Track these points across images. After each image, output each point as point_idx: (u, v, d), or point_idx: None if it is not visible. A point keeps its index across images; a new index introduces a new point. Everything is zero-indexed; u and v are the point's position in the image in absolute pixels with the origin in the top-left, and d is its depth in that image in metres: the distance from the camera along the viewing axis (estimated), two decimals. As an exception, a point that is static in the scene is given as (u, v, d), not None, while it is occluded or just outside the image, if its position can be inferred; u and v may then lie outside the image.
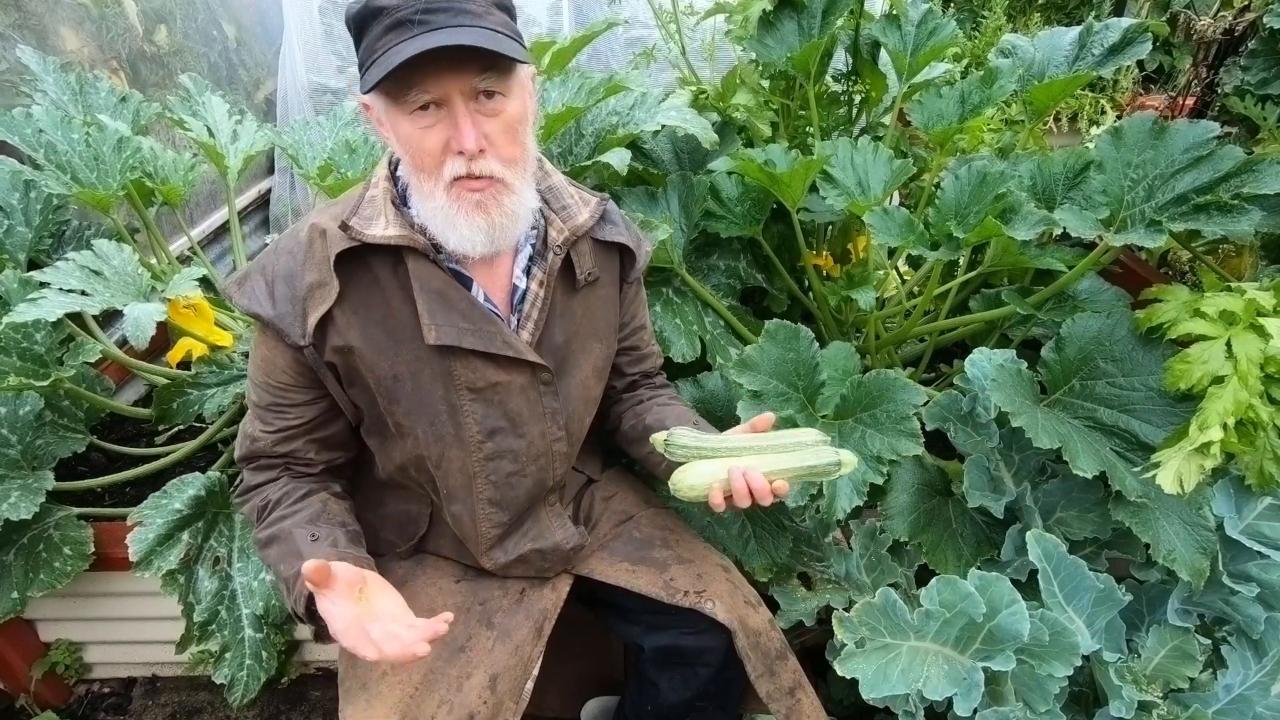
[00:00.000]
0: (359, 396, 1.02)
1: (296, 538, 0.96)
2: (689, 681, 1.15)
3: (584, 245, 1.07)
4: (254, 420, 1.04)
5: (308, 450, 1.04)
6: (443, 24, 0.83)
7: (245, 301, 0.96)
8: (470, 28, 0.83)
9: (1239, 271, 1.68)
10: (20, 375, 1.30)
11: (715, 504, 0.97)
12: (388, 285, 0.97)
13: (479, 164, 0.89)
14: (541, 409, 1.06)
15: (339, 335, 0.96)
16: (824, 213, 1.67)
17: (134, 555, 1.27)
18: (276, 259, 0.97)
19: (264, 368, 1.00)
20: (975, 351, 1.31)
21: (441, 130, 0.87)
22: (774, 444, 1.00)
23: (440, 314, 0.96)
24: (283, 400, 1.01)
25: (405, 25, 0.83)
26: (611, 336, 1.15)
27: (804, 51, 1.60)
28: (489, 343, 0.98)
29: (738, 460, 0.98)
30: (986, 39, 3.19)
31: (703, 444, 1.00)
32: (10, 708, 1.61)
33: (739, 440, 1.01)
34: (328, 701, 1.67)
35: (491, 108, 0.88)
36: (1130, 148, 1.32)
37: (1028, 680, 1.11)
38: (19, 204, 1.56)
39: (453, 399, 1.00)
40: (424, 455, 1.03)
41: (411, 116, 0.87)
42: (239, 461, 1.06)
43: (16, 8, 1.77)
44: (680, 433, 1.01)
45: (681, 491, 0.98)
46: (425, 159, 0.89)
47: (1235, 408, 1.09)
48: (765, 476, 0.96)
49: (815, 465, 0.98)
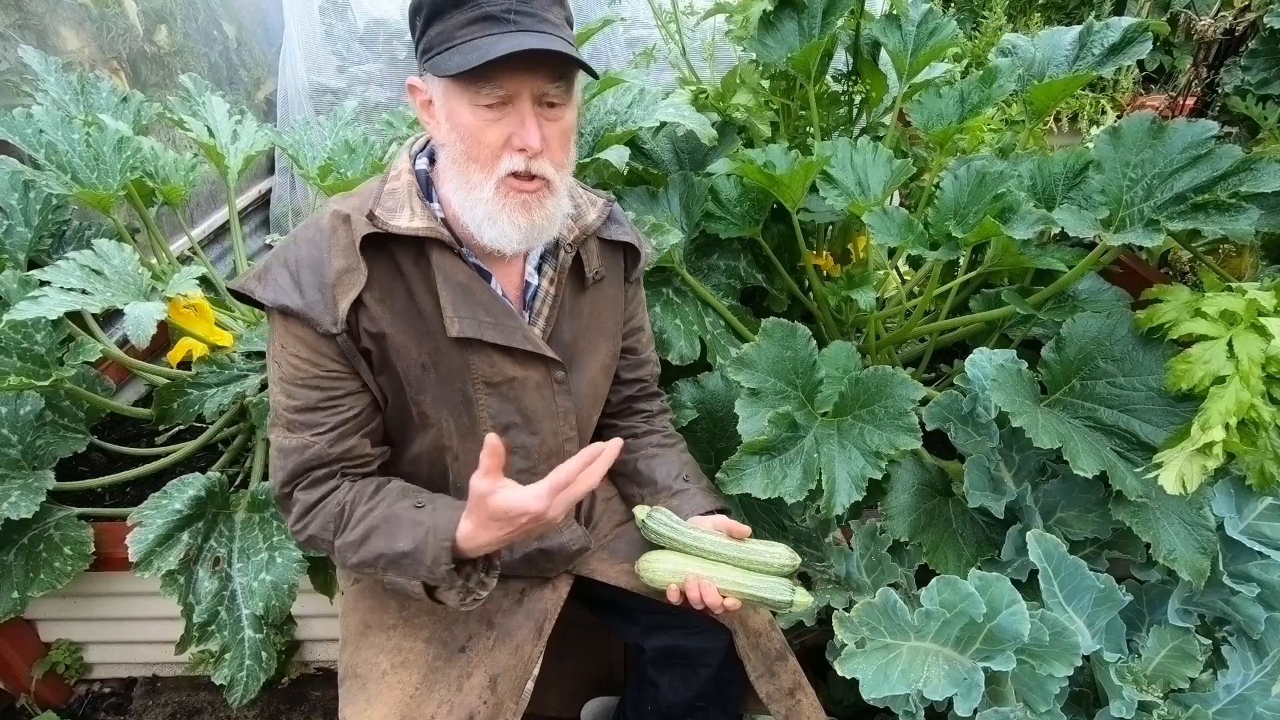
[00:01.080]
0: (387, 385, 0.99)
1: (402, 516, 0.92)
2: (689, 682, 1.15)
3: (592, 244, 1.08)
4: (296, 432, 0.96)
5: (363, 445, 0.99)
6: (530, 27, 0.85)
7: (271, 294, 0.92)
8: (553, 35, 0.86)
9: (1239, 271, 1.68)
10: (21, 375, 1.30)
11: (672, 598, 1.04)
12: (410, 276, 0.96)
13: (536, 164, 0.90)
14: (555, 407, 1.06)
15: (371, 321, 0.94)
16: (824, 213, 1.67)
17: (134, 555, 1.27)
18: (298, 248, 0.94)
19: (298, 366, 0.95)
20: (975, 351, 1.31)
21: (505, 126, 0.89)
22: (740, 557, 1.06)
23: (464, 307, 0.96)
24: (333, 394, 0.96)
25: (495, 20, 0.84)
26: (618, 335, 1.16)
27: (804, 51, 1.60)
28: (509, 336, 0.98)
29: (701, 565, 1.04)
30: (986, 39, 3.19)
31: (676, 535, 1.07)
32: (11, 708, 1.61)
33: (710, 543, 1.06)
34: (328, 701, 1.67)
35: (553, 114, 0.91)
36: (1129, 147, 1.32)
37: (1028, 680, 1.11)
38: (19, 204, 1.56)
39: (469, 392, 1.00)
40: (446, 446, 1.03)
41: (477, 108, 0.88)
42: (283, 487, 0.98)
43: (17, 8, 1.77)
44: (659, 519, 1.08)
45: (645, 577, 1.06)
46: (483, 150, 0.90)
47: (1237, 408, 1.09)
48: (720, 591, 1.01)
49: (768, 599, 1.04)
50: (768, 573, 1.05)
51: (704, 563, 1.05)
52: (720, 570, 1.04)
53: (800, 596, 1.05)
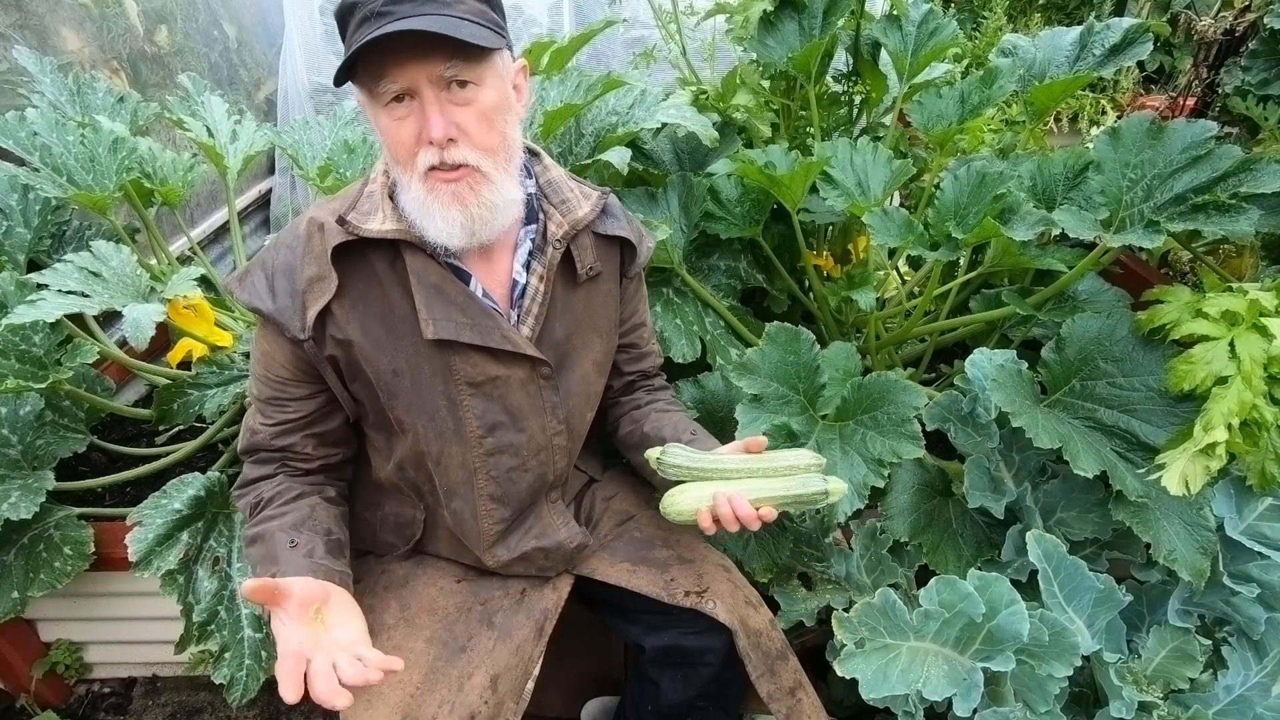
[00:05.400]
0: (361, 391, 1.02)
1: (277, 541, 0.96)
2: (690, 681, 1.15)
3: (585, 239, 1.07)
4: (255, 414, 1.04)
5: (305, 445, 1.04)
6: (406, 14, 0.82)
7: (246, 296, 0.96)
8: (434, 15, 0.83)
9: (1240, 272, 1.68)
10: (19, 378, 1.30)
11: (705, 527, 0.99)
12: (386, 280, 0.97)
13: (451, 153, 0.88)
14: (541, 403, 1.06)
15: (338, 329, 0.96)
16: (824, 213, 1.67)
17: (133, 555, 1.27)
18: (276, 253, 0.98)
19: (264, 361, 1.01)
20: (975, 352, 1.31)
21: (413, 121, 0.87)
22: (765, 467, 1.01)
23: (438, 308, 0.96)
24: (282, 394, 1.02)
25: (376, 17, 0.83)
26: (613, 331, 1.15)
27: (804, 52, 1.60)
28: (486, 337, 0.98)
29: (726, 484, 0.99)
30: (987, 39, 3.19)
31: (695, 464, 1.01)
32: (10, 708, 1.61)
33: (730, 462, 1.02)
34: (328, 702, 1.67)
35: (464, 96, 0.87)
36: (1128, 148, 1.32)
37: (1028, 681, 1.11)
38: (17, 205, 1.56)
39: (452, 394, 1.00)
40: (424, 451, 1.03)
41: (387, 108, 0.88)
42: (240, 454, 1.07)
43: (17, 8, 1.77)
44: (674, 451, 1.02)
45: (671, 515, 1.00)
46: (400, 150, 0.90)
47: (1239, 408, 1.09)
48: (752, 503, 0.97)
49: (801, 494, 0.99)
50: (794, 475, 1.01)
51: (728, 483, 0.99)
52: (747, 484, 0.99)
53: (834, 485, 1.00)
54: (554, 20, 2.82)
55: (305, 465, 1.06)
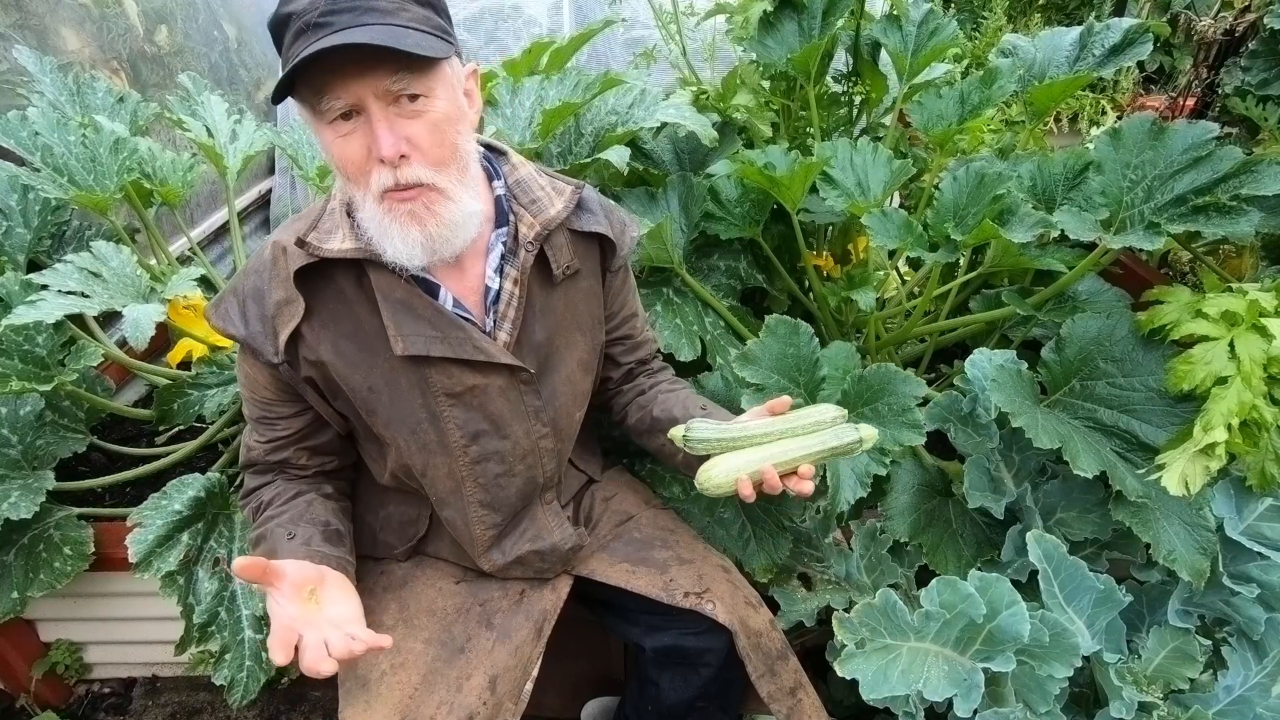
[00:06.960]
0: (344, 408, 1.02)
1: (276, 536, 0.97)
2: (690, 682, 1.15)
3: (559, 237, 1.03)
4: (250, 431, 1.07)
5: (299, 457, 1.06)
6: (345, 25, 0.78)
7: (220, 322, 0.97)
8: (374, 26, 0.78)
9: (1240, 272, 1.68)
10: (22, 379, 1.30)
11: (745, 496, 0.96)
12: (354, 298, 0.96)
13: (405, 171, 0.84)
14: (524, 408, 1.05)
15: (310, 351, 0.96)
16: (824, 214, 1.67)
17: (133, 556, 1.27)
18: (246, 279, 0.97)
19: (248, 384, 1.03)
20: (975, 352, 1.31)
21: (360, 138, 0.83)
22: (794, 427, 0.99)
23: (407, 324, 0.94)
24: (269, 414, 1.04)
25: (313, 29, 0.78)
26: (597, 328, 1.13)
27: (804, 52, 1.60)
28: (458, 349, 0.96)
29: (760, 449, 0.97)
30: (987, 39, 3.19)
31: (723, 435, 0.99)
32: (10, 708, 1.61)
33: (758, 426, 0.99)
34: (328, 702, 1.67)
35: (413, 109, 0.83)
36: (1129, 148, 1.32)
37: (1028, 681, 1.11)
38: (18, 205, 1.56)
39: (432, 406, 0.99)
40: (408, 464, 1.03)
41: (331, 126, 0.83)
42: (240, 469, 1.10)
43: (17, 8, 1.77)
44: (698, 426, 0.99)
45: (709, 489, 0.97)
46: (350, 169, 0.86)
47: (1239, 408, 1.09)
48: (790, 463, 0.95)
49: (837, 445, 0.98)
50: (823, 429, 0.99)
51: (761, 449, 0.97)
52: (780, 447, 0.97)
53: (866, 431, 0.99)
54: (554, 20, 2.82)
55: (301, 473, 1.08)
